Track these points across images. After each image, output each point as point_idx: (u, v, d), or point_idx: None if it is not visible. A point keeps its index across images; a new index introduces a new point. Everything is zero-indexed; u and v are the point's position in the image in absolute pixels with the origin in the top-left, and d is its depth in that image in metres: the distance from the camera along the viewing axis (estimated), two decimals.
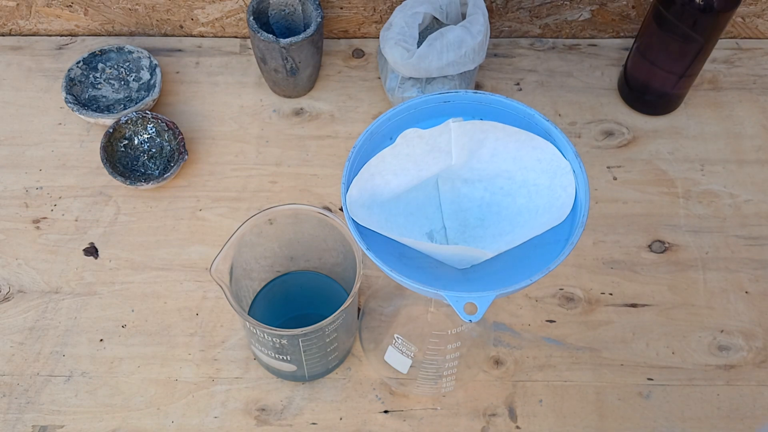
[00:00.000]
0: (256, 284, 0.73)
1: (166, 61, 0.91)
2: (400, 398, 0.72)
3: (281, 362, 0.66)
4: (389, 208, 0.54)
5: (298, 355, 0.65)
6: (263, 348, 0.65)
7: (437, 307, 0.65)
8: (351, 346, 0.73)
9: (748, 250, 0.80)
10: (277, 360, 0.66)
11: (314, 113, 0.89)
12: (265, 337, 0.62)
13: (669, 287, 0.78)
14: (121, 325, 0.75)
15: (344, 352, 0.71)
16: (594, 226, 0.81)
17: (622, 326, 0.76)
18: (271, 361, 0.67)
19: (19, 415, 0.70)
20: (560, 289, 0.78)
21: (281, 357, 0.65)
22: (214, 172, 0.84)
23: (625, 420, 0.71)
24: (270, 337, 0.62)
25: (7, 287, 0.77)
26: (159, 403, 0.71)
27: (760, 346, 0.75)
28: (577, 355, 0.74)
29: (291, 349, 0.64)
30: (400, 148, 0.54)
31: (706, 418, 0.71)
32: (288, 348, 0.64)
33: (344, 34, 0.94)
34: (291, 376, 0.70)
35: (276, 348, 0.64)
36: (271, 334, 0.61)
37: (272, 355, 0.66)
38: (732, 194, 0.84)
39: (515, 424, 0.71)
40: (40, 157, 0.85)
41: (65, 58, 0.91)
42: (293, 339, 0.62)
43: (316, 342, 0.63)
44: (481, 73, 0.91)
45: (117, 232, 0.81)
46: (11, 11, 0.90)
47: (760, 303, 0.77)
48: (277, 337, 0.62)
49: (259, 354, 0.68)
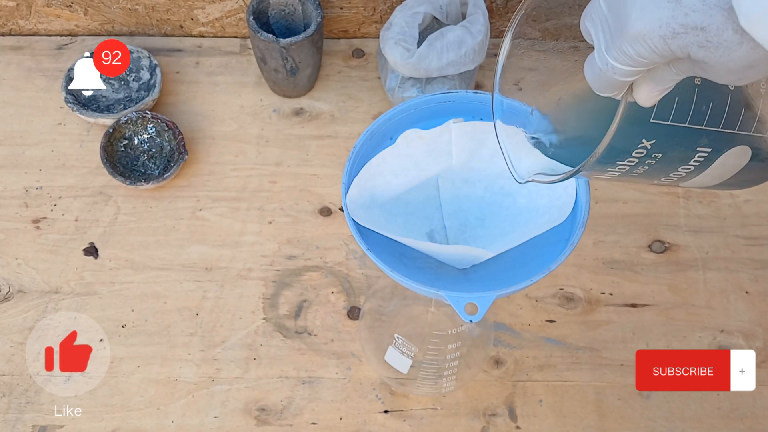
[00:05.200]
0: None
1: (166, 61, 0.91)
2: (400, 398, 0.72)
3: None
4: (389, 208, 0.54)
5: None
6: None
7: (437, 307, 0.65)
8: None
9: (748, 250, 0.80)
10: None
11: (314, 113, 0.89)
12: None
13: (669, 287, 0.78)
14: (121, 325, 0.75)
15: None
16: (594, 226, 0.81)
17: (622, 326, 0.76)
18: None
19: (19, 415, 0.70)
20: (560, 289, 0.78)
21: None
22: (214, 172, 0.84)
23: (625, 420, 0.71)
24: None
25: (7, 287, 0.77)
26: (159, 403, 0.71)
27: (760, 346, 0.75)
28: (577, 355, 0.74)
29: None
30: (401, 149, 0.54)
31: (706, 418, 0.71)
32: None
33: (344, 34, 0.94)
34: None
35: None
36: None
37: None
38: (732, 194, 0.84)
39: (515, 424, 0.71)
40: (40, 157, 0.85)
41: (65, 58, 0.91)
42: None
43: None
44: (481, 73, 0.91)
45: (117, 232, 0.81)
46: (11, 11, 0.90)
47: (760, 303, 0.77)
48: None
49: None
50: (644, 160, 0.40)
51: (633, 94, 0.36)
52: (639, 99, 0.36)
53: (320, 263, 0.79)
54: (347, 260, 0.79)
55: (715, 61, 0.33)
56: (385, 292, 0.75)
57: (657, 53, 0.33)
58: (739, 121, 0.39)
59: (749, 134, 0.40)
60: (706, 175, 0.42)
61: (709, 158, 0.40)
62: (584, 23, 0.36)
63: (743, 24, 0.30)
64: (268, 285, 0.78)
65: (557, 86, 0.47)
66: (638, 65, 0.34)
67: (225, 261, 0.79)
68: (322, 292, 0.77)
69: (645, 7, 0.32)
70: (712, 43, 0.32)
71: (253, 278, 0.78)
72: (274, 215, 0.82)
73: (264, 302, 0.77)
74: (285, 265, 0.79)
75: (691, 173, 0.41)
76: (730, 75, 0.33)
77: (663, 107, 0.37)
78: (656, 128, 0.38)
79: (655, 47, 0.33)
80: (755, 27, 0.30)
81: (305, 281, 0.78)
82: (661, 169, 0.41)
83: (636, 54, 0.34)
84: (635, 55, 0.34)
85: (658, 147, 0.39)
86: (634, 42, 0.33)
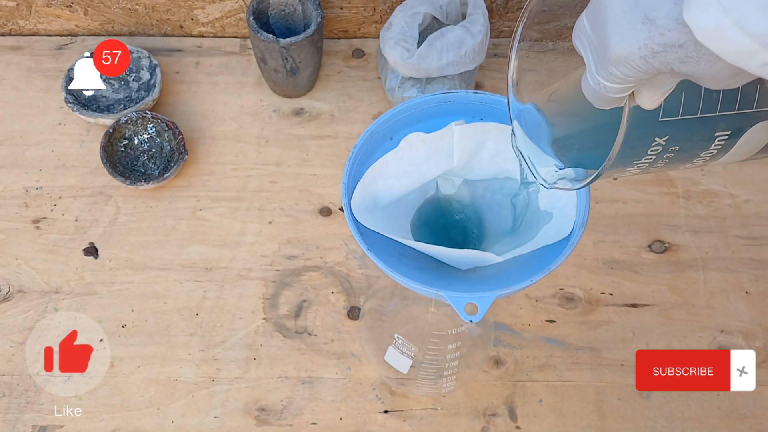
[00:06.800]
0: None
1: (166, 61, 0.91)
2: (400, 398, 0.72)
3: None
4: (390, 211, 0.54)
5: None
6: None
7: (437, 307, 0.65)
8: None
9: (748, 250, 0.80)
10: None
11: (314, 113, 0.89)
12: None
13: (669, 287, 0.78)
14: (121, 325, 0.75)
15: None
16: (594, 226, 0.81)
17: (622, 326, 0.76)
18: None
19: (19, 415, 0.70)
20: (560, 289, 0.78)
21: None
22: (214, 172, 0.84)
23: (625, 420, 0.71)
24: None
25: (7, 287, 0.77)
26: (159, 403, 0.71)
27: (760, 346, 0.75)
28: (577, 355, 0.74)
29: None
30: (403, 152, 0.54)
31: (706, 418, 0.71)
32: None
33: (344, 34, 0.94)
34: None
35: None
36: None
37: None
38: (732, 194, 0.84)
39: (515, 424, 0.71)
40: (40, 157, 0.85)
41: (65, 58, 0.91)
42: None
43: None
44: (481, 73, 0.91)
45: (117, 232, 0.81)
46: (11, 11, 0.90)
47: (760, 303, 0.77)
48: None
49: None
50: (662, 155, 0.39)
51: (636, 99, 0.37)
52: (642, 104, 0.36)
53: (320, 263, 0.79)
54: (347, 260, 0.79)
55: (700, 74, 0.33)
56: (385, 292, 0.75)
57: (642, 72, 0.34)
58: (756, 98, 0.38)
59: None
60: (732, 154, 0.41)
61: (731, 140, 0.40)
62: (574, 41, 0.37)
63: (700, 39, 0.31)
64: (268, 285, 0.78)
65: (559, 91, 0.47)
66: (628, 83, 0.35)
67: (225, 261, 0.79)
68: (322, 292, 0.77)
69: (622, 30, 0.33)
70: (692, 58, 0.32)
71: (253, 278, 0.78)
72: (274, 215, 0.82)
73: (264, 302, 0.77)
74: (285, 265, 0.79)
75: (714, 156, 0.41)
76: (718, 83, 0.34)
77: (670, 103, 0.37)
78: (667, 125, 0.38)
79: (639, 67, 0.33)
80: (711, 41, 0.30)
81: (305, 281, 0.78)
82: (681, 159, 0.40)
83: (622, 74, 0.34)
84: (622, 75, 0.34)
85: (673, 141, 0.39)
86: (618, 65, 0.34)
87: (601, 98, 0.37)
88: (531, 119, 0.47)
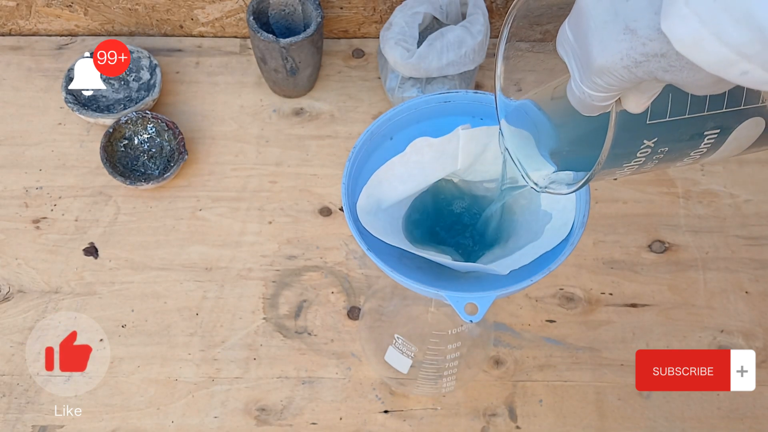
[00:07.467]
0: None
1: (166, 61, 0.91)
2: (400, 398, 0.72)
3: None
4: (392, 212, 0.54)
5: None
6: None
7: (437, 307, 0.65)
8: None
9: (748, 250, 0.80)
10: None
11: (314, 113, 0.89)
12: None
13: (669, 287, 0.78)
14: (121, 325, 0.75)
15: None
16: (594, 226, 0.81)
17: (622, 326, 0.76)
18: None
19: (19, 415, 0.70)
20: (560, 289, 0.78)
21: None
22: (214, 172, 0.84)
23: (625, 420, 0.71)
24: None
25: (7, 287, 0.77)
26: (159, 403, 0.71)
27: (760, 346, 0.75)
28: (577, 355, 0.74)
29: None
30: (410, 156, 0.54)
31: (706, 418, 0.71)
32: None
33: (344, 34, 0.94)
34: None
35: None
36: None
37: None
38: (732, 194, 0.84)
39: (515, 424, 0.71)
40: (40, 157, 0.85)
41: (65, 58, 0.91)
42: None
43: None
44: (481, 73, 0.91)
45: (117, 232, 0.81)
46: (11, 11, 0.90)
47: (760, 303, 0.77)
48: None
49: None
50: (651, 156, 0.39)
51: (623, 104, 0.36)
52: (629, 108, 0.36)
53: (320, 263, 0.79)
54: (347, 260, 0.79)
55: (683, 81, 0.33)
56: (385, 292, 0.75)
57: (626, 81, 0.34)
58: (743, 96, 0.39)
59: (757, 106, 0.39)
60: (722, 151, 0.41)
61: (720, 138, 0.40)
62: (558, 48, 0.37)
63: (679, 49, 0.31)
64: (268, 285, 0.78)
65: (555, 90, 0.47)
66: (613, 91, 0.35)
67: (225, 261, 0.79)
68: (322, 292, 0.77)
69: (604, 41, 0.33)
70: (675, 67, 0.32)
71: (253, 278, 0.78)
72: (274, 215, 0.82)
73: (264, 302, 0.77)
74: (285, 265, 0.79)
75: (705, 154, 0.41)
76: (702, 90, 0.34)
77: (658, 106, 0.37)
78: (655, 127, 0.38)
79: (622, 76, 0.33)
80: (690, 52, 0.30)
81: (305, 281, 0.78)
82: (672, 158, 0.40)
83: (606, 84, 0.34)
84: (606, 84, 0.34)
85: (662, 143, 0.39)
86: (601, 74, 0.34)
87: (586, 106, 0.37)
88: (527, 120, 0.47)
